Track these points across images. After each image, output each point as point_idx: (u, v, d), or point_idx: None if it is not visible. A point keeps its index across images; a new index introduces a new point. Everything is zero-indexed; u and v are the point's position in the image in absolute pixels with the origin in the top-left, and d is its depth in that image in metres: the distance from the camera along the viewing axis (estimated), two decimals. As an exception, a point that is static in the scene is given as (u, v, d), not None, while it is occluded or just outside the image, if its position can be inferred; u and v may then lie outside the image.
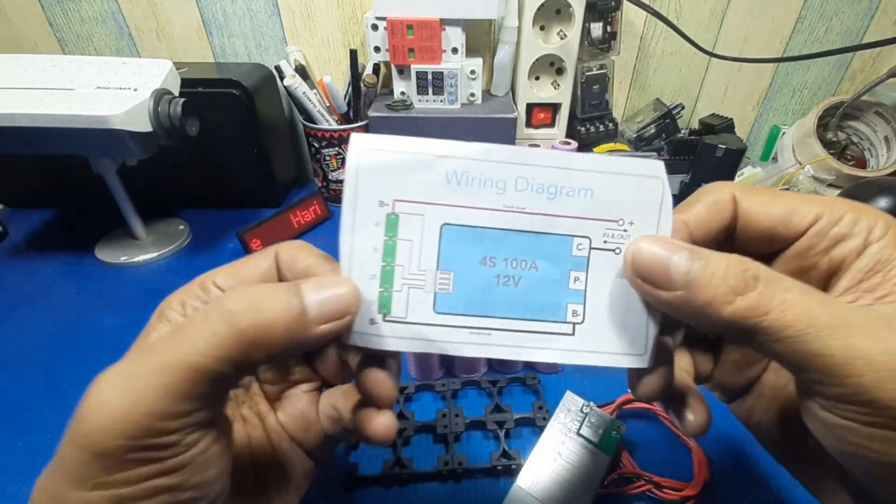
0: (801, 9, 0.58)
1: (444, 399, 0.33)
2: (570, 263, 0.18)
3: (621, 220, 0.17)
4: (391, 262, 0.17)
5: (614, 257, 0.18)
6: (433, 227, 0.17)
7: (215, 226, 0.54)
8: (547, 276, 0.18)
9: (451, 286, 0.17)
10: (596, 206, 0.17)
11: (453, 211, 0.17)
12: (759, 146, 0.69)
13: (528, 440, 0.31)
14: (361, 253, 0.17)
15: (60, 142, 0.39)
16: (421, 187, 0.17)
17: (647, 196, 0.17)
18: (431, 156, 0.17)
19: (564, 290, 0.18)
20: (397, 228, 0.17)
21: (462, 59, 0.51)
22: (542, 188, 0.17)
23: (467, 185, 0.17)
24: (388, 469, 0.28)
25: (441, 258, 0.17)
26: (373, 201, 0.17)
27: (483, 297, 0.17)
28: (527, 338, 0.18)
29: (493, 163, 0.17)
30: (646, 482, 0.27)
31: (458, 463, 0.28)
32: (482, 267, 0.17)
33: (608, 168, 0.17)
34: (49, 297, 0.44)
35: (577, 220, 0.17)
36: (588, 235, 0.17)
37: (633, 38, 0.60)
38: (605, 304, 0.18)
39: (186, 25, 0.56)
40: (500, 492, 0.28)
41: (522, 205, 0.17)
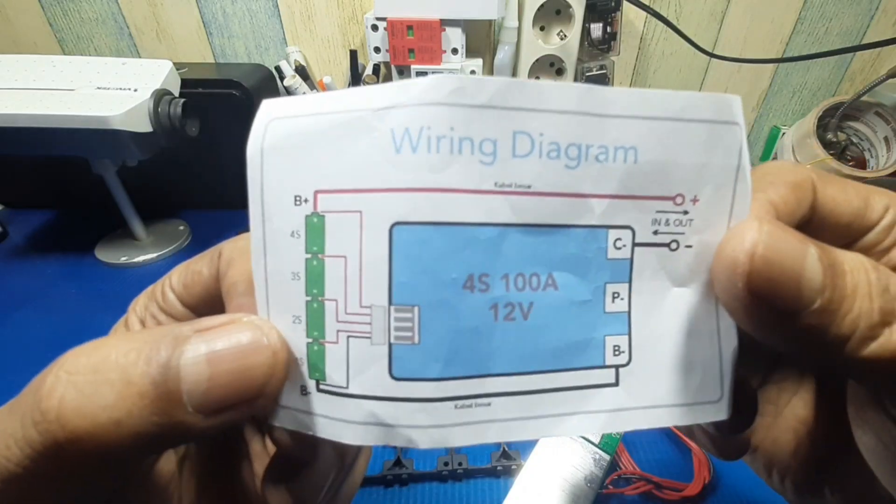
0: (800, 9, 0.58)
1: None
2: (605, 271, 0.11)
3: (680, 198, 0.11)
4: (318, 295, 0.11)
5: (669, 255, 0.11)
6: (379, 230, 0.10)
7: (215, 226, 0.54)
8: (572, 296, 0.11)
9: (416, 332, 0.10)
10: (643, 175, 0.11)
11: (410, 199, 0.10)
12: (759, 147, 0.69)
13: (528, 441, 0.31)
14: (278, 282, 0.11)
15: (60, 142, 0.39)
16: (355, 165, 0.10)
17: (720, 155, 0.11)
18: (367, 110, 0.10)
19: (600, 316, 0.11)
20: (323, 237, 0.11)
21: (462, 59, 0.51)
22: (558, 150, 0.10)
23: (430, 152, 0.10)
24: (388, 469, 0.28)
25: (395, 283, 0.10)
26: (285, 198, 0.11)
27: (473, 345, 0.10)
28: (548, 401, 0.11)
29: (471, 109, 0.10)
30: (646, 482, 0.27)
31: (458, 463, 0.28)
32: (467, 293, 0.10)
33: (659, 111, 0.10)
34: (49, 298, 0.44)
35: (614, 200, 0.11)
36: (630, 225, 0.11)
37: (632, 38, 0.60)
38: (657, 332, 0.11)
39: (186, 26, 0.56)
40: (500, 492, 0.28)
41: (526, 181, 0.10)
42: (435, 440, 0.10)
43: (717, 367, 0.12)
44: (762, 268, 0.10)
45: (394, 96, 0.10)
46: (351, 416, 0.11)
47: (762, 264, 0.10)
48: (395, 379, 0.10)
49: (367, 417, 0.10)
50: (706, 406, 0.12)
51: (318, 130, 0.10)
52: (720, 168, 0.11)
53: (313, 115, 0.10)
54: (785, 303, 0.10)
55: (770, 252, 0.10)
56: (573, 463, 0.27)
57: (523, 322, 0.11)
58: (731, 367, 0.12)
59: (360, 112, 0.10)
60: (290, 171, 0.11)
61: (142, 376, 0.09)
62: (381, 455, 0.30)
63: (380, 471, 0.28)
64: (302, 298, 0.11)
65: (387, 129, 0.10)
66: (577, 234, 0.11)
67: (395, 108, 0.10)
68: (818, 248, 0.10)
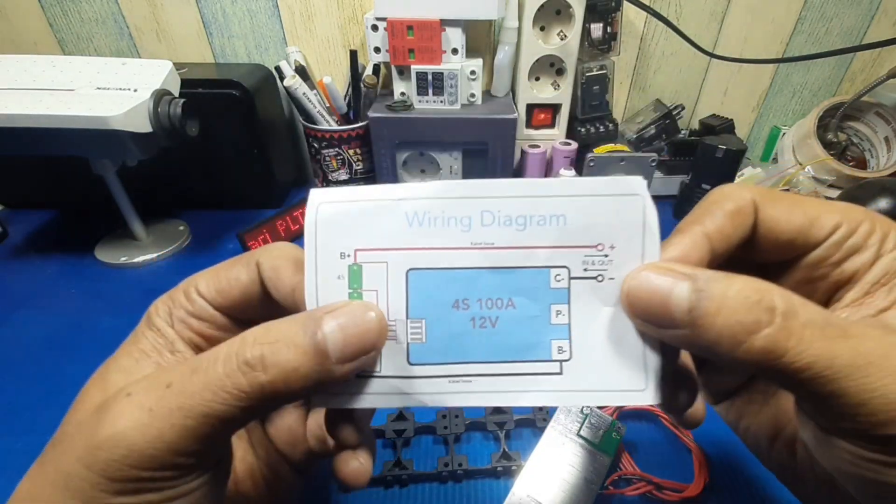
0: (801, 9, 0.58)
1: (444, 400, 0.33)
2: (550, 297, 0.16)
3: (601, 245, 0.16)
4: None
5: (598, 285, 0.16)
6: (399, 273, 0.16)
7: (215, 226, 0.54)
8: (526, 312, 0.16)
9: (424, 335, 0.16)
10: (571, 232, 0.16)
11: (418, 255, 0.16)
12: (759, 147, 0.69)
13: (528, 441, 0.31)
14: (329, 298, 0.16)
15: (60, 142, 0.39)
16: (382, 233, 0.16)
17: (627, 216, 0.16)
18: (389, 200, 0.16)
19: (546, 326, 0.16)
20: (361, 279, 0.16)
21: (462, 59, 0.51)
22: (511, 220, 0.16)
23: (430, 225, 0.16)
24: (389, 470, 0.28)
25: (410, 306, 0.16)
26: (333, 254, 0.16)
27: (459, 343, 0.16)
28: (511, 381, 0.16)
29: (454, 199, 0.16)
30: (646, 483, 0.27)
31: (458, 464, 0.28)
32: (455, 311, 0.16)
33: (579, 191, 0.16)
34: (49, 298, 0.44)
35: (553, 249, 0.16)
36: (566, 265, 0.16)
37: (633, 38, 0.60)
38: (593, 338, 0.16)
39: (186, 26, 0.56)
40: (500, 493, 0.28)
41: (491, 240, 0.16)
42: (436, 401, 0.16)
43: (642, 366, 0.16)
44: (633, 300, 0.15)
45: (407, 192, 0.16)
46: (381, 388, 0.16)
47: (633, 298, 0.15)
48: (411, 364, 0.16)
49: (391, 389, 0.16)
50: (635, 393, 0.16)
51: (356, 211, 0.16)
52: (629, 224, 0.16)
53: (351, 201, 0.16)
54: (658, 321, 0.14)
55: (635, 290, 0.15)
56: (573, 463, 0.27)
57: (492, 329, 0.16)
58: (655, 366, 0.16)
59: (384, 201, 0.16)
60: (336, 237, 0.16)
61: (305, 342, 0.14)
62: (382, 456, 0.30)
63: (380, 472, 0.28)
64: None
65: (402, 212, 0.16)
66: (528, 272, 0.16)
67: (407, 199, 0.16)
68: (690, 279, 0.14)
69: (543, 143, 0.57)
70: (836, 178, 0.55)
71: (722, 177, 0.51)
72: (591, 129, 0.57)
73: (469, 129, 0.52)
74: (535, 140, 0.58)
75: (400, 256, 0.16)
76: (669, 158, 0.58)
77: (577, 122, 0.57)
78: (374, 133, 0.52)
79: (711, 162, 0.51)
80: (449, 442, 0.30)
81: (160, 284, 0.52)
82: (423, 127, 0.51)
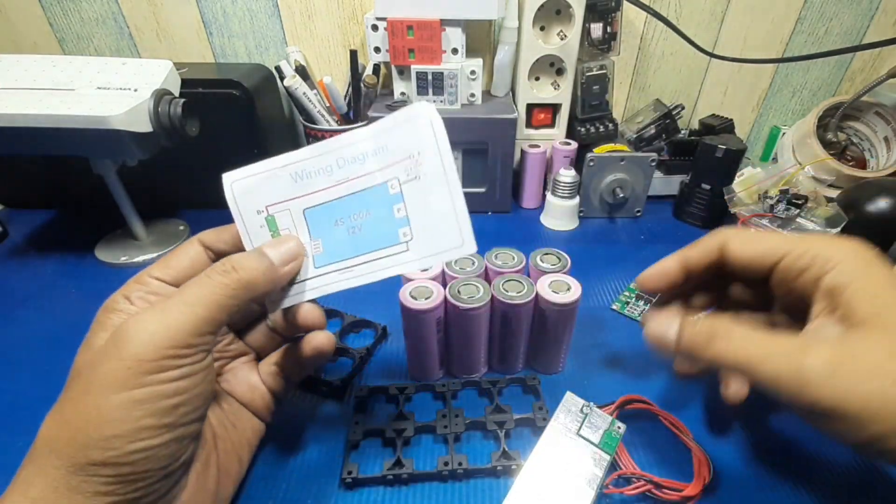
0: (800, 9, 0.58)
1: (444, 400, 0.33)
2: (391, 200, 0.23)
3: (412, 156, 0.23)
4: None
5: (418, 182, 0.23)
6: (299, 214, 0.24)
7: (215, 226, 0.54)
8: (379, 216, 0.24)
9: (321, 248, 0.24)
10: (391, 154, 0.23)
11: (307, 199, 0.24)
12: (759, 147, 0.69)
13: (528, 441, 0.31)
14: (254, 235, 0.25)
15: (61, 142, 0.39)
16: (280, 192, 0.24)
17: (423, 131, 0.23)
18: (277, 167, 0.24)
19: (393, 221, 0.23)
20: (276, 225, 0.25)
21: (462, 59, 0.51)
22: (354, 159, 0.24)
23: (308, 178, 0.24)
24: (388, 469, 0.28)
25: (311, 233, 0.24)
26: (252, 213, 0.25)
27: (343, 248, 0.24)
28: (378, 264, 0.24)
29: (317, 157, 0.24)
30: (646, 482, 0.27)
31: (458, 463, 0.28)
32: (337, 227, 0.24)
33: (384, 126, 0.23)
34: (49, 298, 0.44)
35: (384, 169, 0.23)
36: (396, 176, 0.23)
37: (633, 38, 0.60)
38: (424, 219, 0.23)
39: (186, 26, 0.56)
40: (501, 492, 0.28)
41: (346, 175, 0.24)
42: (334, 287, 0.24)
43: (456, 227, 0.23)
44: (650, 339, 0.25)
45: (287, 160, 0.24)
46: (306, 287, 0.25)
47: (650, 336, 0.25)
48: (316, 268, 0.25)
49: (309, 287, 0.25)
50: (457, 249, 0.23)
51: (258, 181, 0.25)
52: (425, 136, 0.23)
53: (252, 175, 0.25)
54: (663, 347, 0.25)
55: (650, 331, 0.26)
56: (573, 463, 0.27)
57: (360, 234, 0.24)
58: (467, 227, 0.23)
59: (274, 169, 0.24)
60: (251, 201, 0.25)
61: (258, 255, 0.23)
62: (382, 455, 0.30)
63: (380, 471, 0.28)
64: None
65: (287, 174, 0.24)
66: (374, 189, 0.24)
67: (289, 164, 0.24)
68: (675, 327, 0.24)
69: (543, 142, 0.57)
70: (836, 177, 0.55)
71: (722, 176, 0.51)
72: (590, 129, 0.57)
73: (469, 129, 0.52)
74: (535, 140, 0.58)
75: (296, 203, 0.24)
76: (669, 158, 0.58)
77: (577, 122, 0.57)
78: (374, 133, 0.52)
79: (711, 162, 0.51)
80: (449, 441, 0.30)
81: (160, 284, 0.50)
82: (423, 127, 0.51)
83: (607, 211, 0.57)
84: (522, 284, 0.32)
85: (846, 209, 0.47)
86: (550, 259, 0.35)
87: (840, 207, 0.48)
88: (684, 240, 0.54)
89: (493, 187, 0.56)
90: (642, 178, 0.54)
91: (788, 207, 0.48)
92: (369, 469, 0.29)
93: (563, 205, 0.53)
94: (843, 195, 0.50)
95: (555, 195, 0.54)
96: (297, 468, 0.29)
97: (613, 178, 0.54)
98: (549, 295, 0.31)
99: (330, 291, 0.24)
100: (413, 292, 0.30)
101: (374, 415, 0.32)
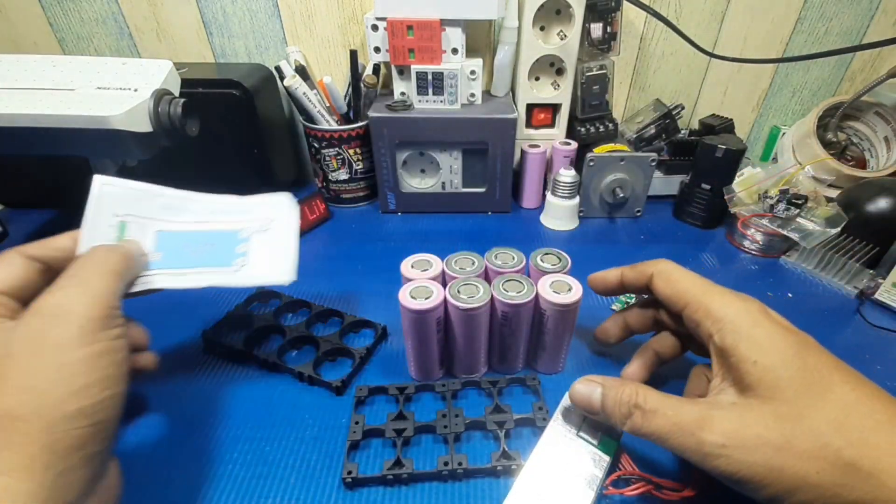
0: (801, 9, 0.58)
1: (444, 399, 0.33)
2: (239, 241, 0.32)
3: (268, 219, 0.33)
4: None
5: (265, 234, 0.33)
6: (152, 231, 0.30)
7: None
8: (223, 248, 0.31)
9: (159, 258, 0.30)
10: (253, 216, 0.33)
11: (165, 223, 0.31)
12: (759, 146, 0.69)
13: (528, 441, 0.31)
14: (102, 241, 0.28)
15: (61, 142, 0.39)
16: (144, 210, 0.30)
17: (281, 211, 0.34)
18: (154, 194, 0.31)
19: (233, 253, 0.31)
20: (125, 231, 0.29)
21: (462, 59, 0.51)
22: (223, 212, 0.33)
23: (176, 212, 0.31)
24: (388, 468, 0.28)
25: (156, 246, 0.30)
26: (110, 215, 0.29)
27: (182, 260, 0.30)
28: (207, 276, 0.30)
29: (191, 201, 0.32)
30: (645, 483, 0.27)
31: (458, 463, 0.28)
32: (181, 247, 0.30)
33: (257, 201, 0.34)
34: (49, 298, 0.44)
35: (242, 222, 0.33)
36: (249, 227, 0.33)
37: (633, 38, 0.60)
38: (259, 257, 0.31)
39: (186, 26, 0.56)
40: (500, 492, 0.28)
41: (210, 219, 0.32)
42: (165, 283, 0.29)
43: (284, 264, 0.32)
44: (574, 399, 0.28)
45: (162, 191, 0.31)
46: (146, 281, 0.28)
47: (573, 398, 0.28)
48: (153, 269, 0.29)
49: (152, 280, 0.29)
50: (278, 279, 0.31)
51: (132, 194, 0.30)
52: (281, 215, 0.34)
53: (128, 188, 0.30)
54: (588, 410, 0.28)
55: (575, 395, 0.28)
56: (573, 464, 0.27)
57: (200, 255, 0.30)
58: (293, 262, 0.32)
59: (151, 193, 0.31)
60: (113, 205, 0.29)
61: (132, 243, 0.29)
62: (382, 455, 0.30)
63: (380, 470, 0.28)
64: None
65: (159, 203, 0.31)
66: (227, 232, 0.32)
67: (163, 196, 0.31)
68: (601, 388, 0.27)
69: (543, 142, 0.57)
70: (836, 177, 0.55)
71: (722, 176, 0.51)
72: (590, 129, 0.57)
73: (469, 129, 0.52)
74: (535, 140, 0.58)
75: (154, 223, 0.30)
76: (669, 158, 0.58)
77: (577, 122, 0.57)
78: (374, 133, 0.52)
79: (711, 161, 0.51)
80: (449, 441, 0.30)
81: (160, 284, 0.50)
82: (423, 127, 0.51)
83: (607, 211, 0.57)
84: (522, 284, 0.32)
85: (846, 209, 0.47)
86: (551, 259, 0.35)
87: (840, 207, 0.48)
88: (684, 240, 0.55)
89: (493, 187, 0.56)
90: (642, 178, 0.54)
91: (788, 207, 0.48)
92: (369, 469, 0.29)
93: (563, 205, 0.53)
94: (843, 195, 0.50)
95: (555, 195, 0.54)
96: (297, 468, 0.29)
97: (613, 178, 0.54)
98: (549, 295, 0.31)
99: (160, 285, 0.29)
100: (413, 292, 0.30)
101: (374, 415, 0.32)
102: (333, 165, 0.56)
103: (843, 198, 0.50)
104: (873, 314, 0.42)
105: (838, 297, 0.45)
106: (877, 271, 0.44)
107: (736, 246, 0.52)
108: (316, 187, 0.61)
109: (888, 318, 0.42)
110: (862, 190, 0.48)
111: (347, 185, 0.58)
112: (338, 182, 0.57)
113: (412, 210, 0.57)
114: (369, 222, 0.57)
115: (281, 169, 0.58)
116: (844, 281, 0.45)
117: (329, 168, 0.56)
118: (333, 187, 0.58)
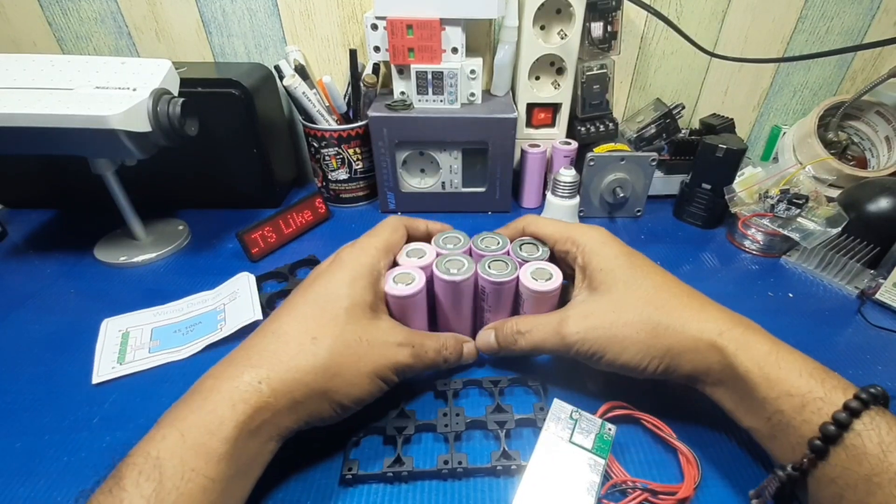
0: (801, 8, 0.58)
1: (445, 399, 0.33)
2: (218, 313, 0.40)
3: (233, 292, 0.42)
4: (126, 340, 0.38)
5: (235, 301, 0.41)
6: (147, 330, 0.39)
7: (215, 226, 0.54)
8: (207, 323, 0.39)
9: (159, 343, 0.38)
10: (222, 296, 0.42)
11: (157, 323, 0.40)
12: (759, 146, 0.69)
13: (528, 441, 0.31)
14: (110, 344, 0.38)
15: (59, 142, 0.39)
16: (140, 322, 0.40)
17: (241, 284, 0.43)
18: (148, 314, 0.41)
19: (216, 321, 0.39)
20: (128, 338, 0.38)
21: (462, 58, 0.51)
22: (200, 303, 0.42)
23: (163, 314, 0.41)
24: (389, 466, 0.28)
25: (152, 337, 0.38)
26: (115, 331, 0.39)
27: (174, 342, 0.38)
28: (203, 342, 0.37)
29: (176, 306, 0.42)
30: (641, 491, 0.27)
31: (458, 462, 0.28)
32: (174, 333, 0.39)
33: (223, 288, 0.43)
34: (48, 298, 0.44)
35: (217, 303, 0.41)
36: (223, 302, 0.41)
37: (633, 37, 0.60)
38: (234, 314, 0.39)
39: (186, 25, 0.56)
40: (500, 492, 0.28)
41: (191, 309, 0.41)
42: (174, 358, 0.37)
43: (251, 310, 0.40)
44: (480, 346, 0.35)
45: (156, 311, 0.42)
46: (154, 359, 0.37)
47: (479, 346, 0.35)
48: (154, 350, 0.38)
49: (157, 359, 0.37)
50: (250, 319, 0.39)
51: (128, 319, 0.41)
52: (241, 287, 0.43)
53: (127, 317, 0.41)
54: (491, 350, 0.35)
55: (479, 342, 0.35)
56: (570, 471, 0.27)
57: (192, 333, 0.39)
58: (258, 307, 0.40)
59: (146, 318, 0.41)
60: (117, 324, 0.40)
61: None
62: (382, 453, 0.30)
63: (380, 468, 0.28)
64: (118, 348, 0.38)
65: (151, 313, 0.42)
66: (209, 312, 0.41)
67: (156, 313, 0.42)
68: (494, 329, 0.34)
69: (543, 142, 0.57)
70: (837, 177, 0.55)
71: (722, 176, 0.51)
72: (591, 129, 0.57)
73: (469, 129, 0.52)
74: (536, 139, 0.58)
75: (148, 325, 0.40)
76: (669, 158, 0.58)
77: (578, 122, 0.57)
78: (374, 132, 0.52)
79: (712, 161, 0.51)
80: (449, 440, 0.30)
81: (159, 284, 0.52)
82: (423, 126, 0.51)
83: (607, 211, 0.57)
84: (507, 265, 0.34)
85: (847, 209, 0.47)
86: (529, 249, 0.36)
87: (841, 207, 0.47)
88: (685, 240, 0.54)
89: (493, 187, 0.56)
90: (642, 177, 0.54)
91: (789, 207, 0.47)
92: (370, 466, 0.29)
93: (564, 204, 0.53)
94: (843, 195, 0.50)
95: (555, 195, 0.53)
96: (297, 464, 0.29)
97: (614, 177, 0.53)
98: (529, 282, 0.32)
99: (164, 361, 0.36)
100: (396, 278, 0.33)
101: (374, 412, 0.32)
102: (333, 165, 0.56)
103: (843, 198, 0.49)
104: (874, 314, 0.42)
105: (839, 297, 0.45)
106: (877, 271, 0.44)
107: (736, 246, 0.52)
108: (315, 187, 0.60)
109: (889, 318, 0.42)
110: (863, 190, 0.48)
111: (347, 185, 0.58)
112: (337, 182, 0.57)
113: (412, 210, 0.57)
114: (369, 222, 0.56)
115: (280, 169, 0.58)
116: (845, 281, 0.45)
117: (329, 168, 0.56)
118: (333, 187, 0.58)
